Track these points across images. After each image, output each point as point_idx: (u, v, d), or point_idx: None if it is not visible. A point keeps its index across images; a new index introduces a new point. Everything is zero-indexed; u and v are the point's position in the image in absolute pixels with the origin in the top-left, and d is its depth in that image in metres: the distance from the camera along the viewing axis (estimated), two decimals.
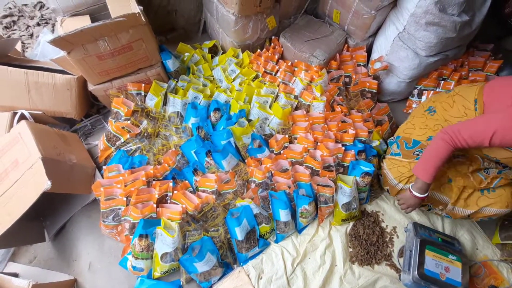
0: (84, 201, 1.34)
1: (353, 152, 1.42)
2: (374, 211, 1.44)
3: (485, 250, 1.38)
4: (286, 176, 1.35)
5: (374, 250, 1.32)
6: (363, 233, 1.35)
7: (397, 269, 1.30)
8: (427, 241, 1.24)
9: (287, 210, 1.24)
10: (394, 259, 1.33)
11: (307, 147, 1.42)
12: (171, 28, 1.94)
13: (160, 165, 1.36)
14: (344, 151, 1.42)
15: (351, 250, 1.33)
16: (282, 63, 1.77)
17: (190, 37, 2.02)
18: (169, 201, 1.29)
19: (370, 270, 1.28)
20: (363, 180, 1.34)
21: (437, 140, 1.07)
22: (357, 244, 1.32)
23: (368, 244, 1.33)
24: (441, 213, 1.29)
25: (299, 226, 1.33)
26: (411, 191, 1.15)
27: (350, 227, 1.37)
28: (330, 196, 1.30)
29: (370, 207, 1.45)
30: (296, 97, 1.66)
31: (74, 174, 1.27)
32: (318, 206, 1.35)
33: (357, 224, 1.38)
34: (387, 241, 1.37)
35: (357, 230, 1.36)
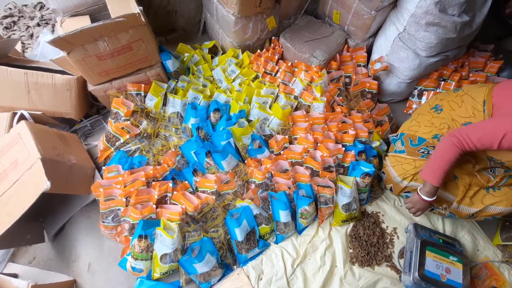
0: (83, 201, 1.33)
1: (353, 153, 1.41)
2: (375, 212, 1.44)
3: (486, 251, 1.38)
4: (286, 176, 1.34)
5: (374, 251, 1.31)
6: (363, 234, 1.35)
7: (397, 270, 1.30)
8: (428, 242, 1.24)
9: (287, 211, 1.24)
10: (395, 260, 1.33)
11: (307, 147, 1.42)
12: (171, 29, 1.94)
13: (159, 166, 1.36)
14: (344, 151, 1.42)
15: (351, 251, 1.32)
16: (282, 63, 1.77)
17: (190, 38, 2.02)
18: (168, 201, 1.29)
19: (370, 271, 1.27)
20: (363, 181, 1.33)
21: (444, 143, 1.06)
22: (357, 245, 1.32)
23: (369, 245, 1.33)
24: (445, 212, 1.28)
25: (299, 227, 1.33)
26: (420, 195, 1.15)
27: (350, 228, 1.37)
28: (330, 196, 1.30)
29: (370, 208, 1.45)
30: (296, 98, 1.65)
31: (74, 174, 1.27)
32: (318, 207, 1.34)
33: (357, 225, 1.37)
34: (388, 242, 1.37)
35: (357, 231, 1.36)
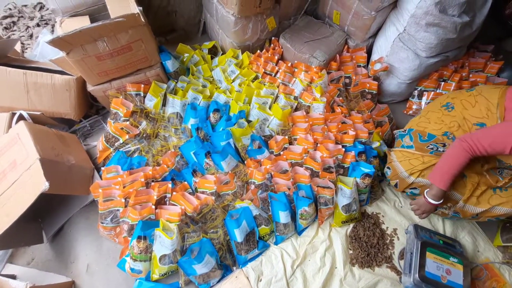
0: (82, 202, 1.33)
1: (353, 154, 1.41)
2: (375, 213, 1.43)
3: (487, 252, 1.37)
4: (286, 177, 1.34)
5: (374, 252, 1.31)
6: (364, 235, 1.34)
7: (397, 271, 1.29)
8: (428, 243, 1.23)
9: (286, 211, 1.23)
10: (395, 261, 1.32)
11: (307, 148, 1.42)
12: (170, 29, 1.94)
13: (159, 166, 1.36)
14: (344, 152, 1.42)
15: (351, 252, 1.32)
16: (282, 64, 1.77)
17: (189, 38, 2.02)
18: (168, 202, 1.28)
19: (370, 273, 1.27)
20: (364, 182, 1.33)
21: (455, 148, 1.06)
22: (357, 246, 1.32)
23: (369, 246, 1.32)
24: (448, 212, 1.26)
25: (299, 228, 1.32)
26: (426, 198, 1.14)
27: (350, 229, 1.36)
28: (330, 197, 1.30)
29: (370, 209, 1.45)
30: (296, 98, 1.65)
31: (73, 175, 1.26)
32: (318, 208, 1.34)
33: (357, 226, 1.37)
34: (388, 243, 1.36)
35: (357, 232, 1.35)
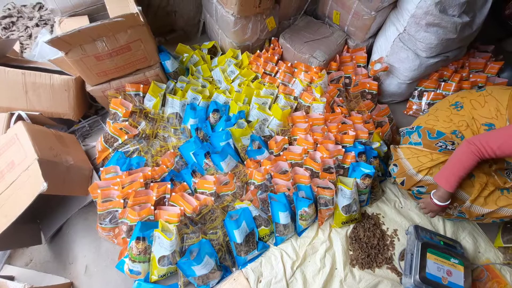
0: (81, 203, 1.32)
1: (353, 154, 1.40)
2: (375, 214, 1.43)
3: (488, 253, 1.37)
4: (286, 178, 1.33)
5: (374, 253, 1.30)
6: (364, 236, 1.34)
7: (398, 272, 1.28)
8: (429, 244, 1.23)
9: (286, 212, 1.23)
10: (395, 263, 1.31)
11: (306, 148, 1.41)
12: (170, 29, 1.93)
13: (158, 167, 1.35)
14: (344, 152, 1.41)
15: (352, 253, 1.31)
16: (282, 64, 1.77)
17: (189, 38, 2.01)
18: (167, 203, 1.27)
19: (370, 274, 1.26)
20: (364, 182, 1.32)
21: (462, 150, 1.06)
22: (358, 247, 1.31)
23: (369, 247, 1.31)
24: (453, 212, 1.25)
25: (298, 229, 1.32)
26: (432, 199, 1.14)
27: (350, 230, 1.35)
28: (330, 198, 1.29)
29: (370, 210, 1.44)
30: (295, 98, 1.65)
31: (71, 175, 1.26)
32: (318, 209, 1.33)
33: (357, 227, 1.36)
34: (388, 244, 1.35)
35: (357, 233, 1.35)
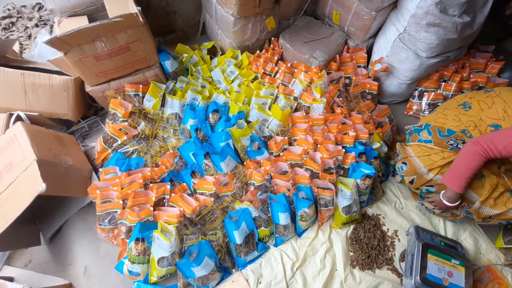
0: (80, 204, 1.32)
1: (353, 154, 1.40)
2: (375, 214, 1.42)
3: (489, 254, 1.36)
4: (286, 178, 1.33)
5: (375, 254, 1.30)
6: (364, 237, 1.33)
7: (398, 273, 1.28)
8: (429, 245, 1.22)
9: (286, 213, 1.22)
10: (396, 264, 1.31)
11: (306, 149, 1.40)
12: (170, 29, 1.93)
13: (157, 167, 1.34)
14: (344, 153, 1.41)
15: (352, 254, 1.30)
16: (282, 64, 1.76)
17: (189, 38, 2.01)
18: (166, 204, 1.27)
19: (371, 275, 1.25)
20: (364, 183, 1.32)
21: (468, 151, 1.06)
22: (358, 248, 1.30)
23: (369, 248, 1.31)
24: (460, 213, 1.24)
25: (298, 230, 1.31)
26: (441, 200, 1.15)
27: (350, 231, 1.35)
28: (330, 199, 1.28)
29: (371, 210, 1.43)
30: (295, 99, 1.64)
31: (70, 176, 1.25)
32: (318, 209, 1.33)
33: (357, 228, 1.36)
34: (389, 245, 1.35)
35: (357, 234, 1.34)
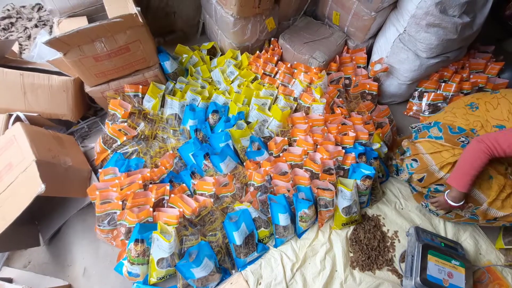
0: (79, 204, 1.31)
1: (353, 155, 1.40)
2: (375, 215, 1.42)
3: (489, 255, 1.36)
4: (286, 179, 1.33)
5: (375, 255, 1.29)
6: (364, 238, 1.33)
7: (399, 274, 1.27)
8: (430, 245, 1.22)
9: (286, 214, 1.22)
10: (396, 264, 1.30)
11: (306, 149, 1.40)
12: (169, 30, 1.93)
13: (157, 168, 1.34)
14: (344, 153, 1.40)
15: (352, 255, 1.30)
16: (281, 64, 1.76)
17: (188, 39, 2.01)
18: (166, 205, 1.27)
19: (371, 276, 1.25)
20: (364, 184, 1.31)
21: (473, 149, 1.06)
22: (358, 249, 1.30)
23: (369, 248, 1.30)
24: (465, 214, 1.23)
25: (298, 231, 1.31)
26: (446, 199, 1.14)
27: (350, 232, 1.35)
28: (330, 199, 1.28)
29: (371, 211, 1.43)
30: (295, 99, 1.64)
31: (69, 177, 1.25)
32: (318, 210, 1.32)
33: (357, 228, 1.35)
34: (389, 245, 1.35)
35: (357, 235, 1.34)
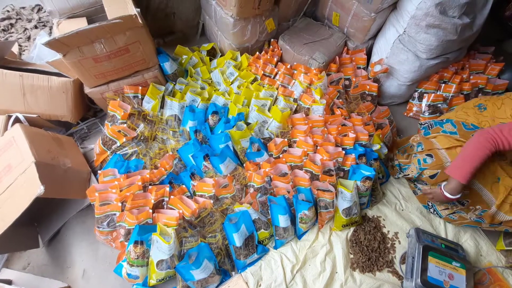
0: (79, 206, 1.31)
1: (353, 156, 1.39)
2: (375, 216, 1.41)
3: (489, 256, 1.35)
4: (285, 180, 1.32)
5: (375, 257, 1.29)
6: (364, 239, 1.32)
7: (399, 276, 1.27)
8: (430, 247, 1.22)
9: (286, 215, 1.22)
10: (396, 266, 1.30)
11: (306, 151, 1.40)
12: (169, 31, 1.93)
13: (156, 170, 1.34)
14: (344, 155, 1.40)
15: (352, 256, 1.30)
16: (281, 65, 1.76)
17: (188, 40, 2.01)
18: (165, 206, 1.26)
19: (371, 277, 1.25)
20: (364, 185, 1.31)
21: (477, 140, 1.04)
22: (358, 250, 1.30)
23: (369, 250, 1.30)
24: (471, 217, 1.23)
25: (298, 232, 1.31)
26: (442, 191, 1.12)
27: (350, 233, 1.34)
28: (330, 201, 1.28)
29: (371, 212, 1.43)
30: (295, 100, 1.64)
31: (69, 178, 1.25)
32: (318, 211, 1.32)
33: (358, 230, 1.35)
34: (389, 247, 1.34)
35: (358, 236, 1.34)
